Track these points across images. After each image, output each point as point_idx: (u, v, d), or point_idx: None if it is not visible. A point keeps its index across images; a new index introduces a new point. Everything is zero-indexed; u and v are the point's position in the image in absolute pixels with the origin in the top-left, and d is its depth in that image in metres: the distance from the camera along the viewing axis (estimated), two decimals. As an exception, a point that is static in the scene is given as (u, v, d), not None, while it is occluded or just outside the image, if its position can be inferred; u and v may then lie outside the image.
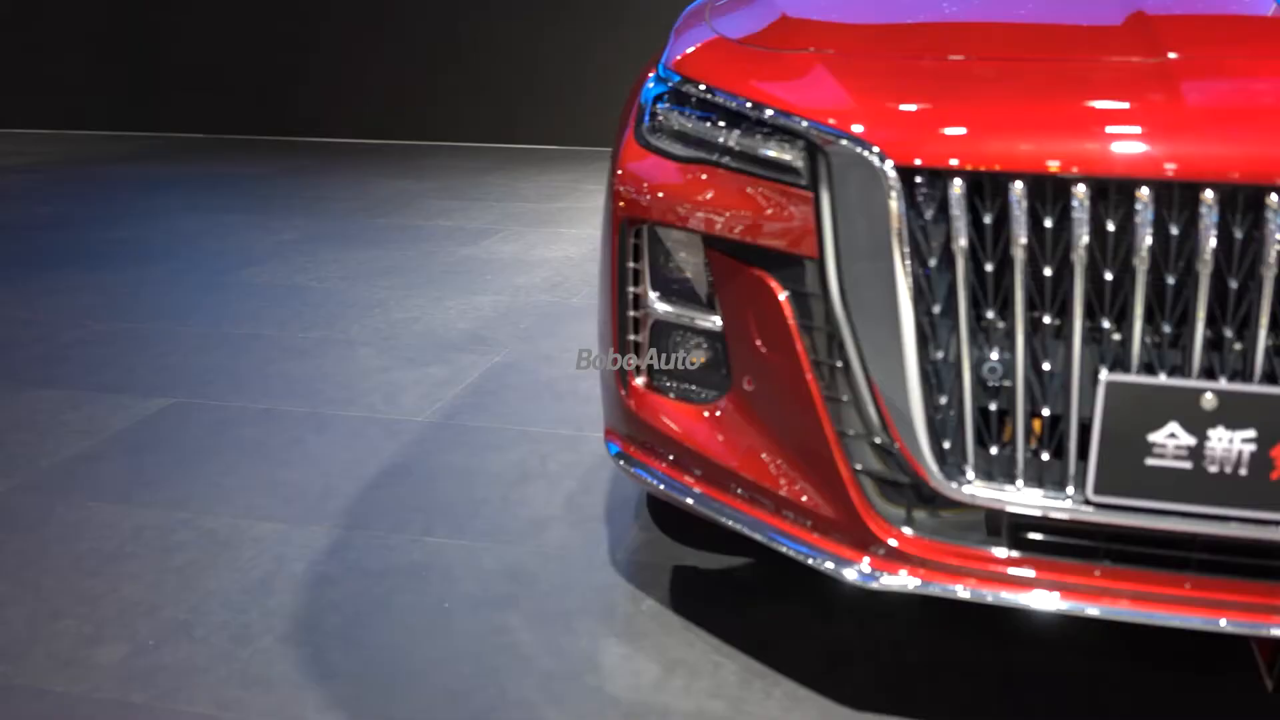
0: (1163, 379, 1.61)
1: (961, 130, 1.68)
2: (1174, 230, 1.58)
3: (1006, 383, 1.69)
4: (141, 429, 3.24)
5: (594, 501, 2.74)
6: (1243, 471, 1.59)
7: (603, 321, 2.13)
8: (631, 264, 2.01)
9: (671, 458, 2.07)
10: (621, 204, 1.99)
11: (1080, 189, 1.59)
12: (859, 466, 1.82)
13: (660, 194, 1.94)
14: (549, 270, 4.83)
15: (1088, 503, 1.68)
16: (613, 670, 2.10)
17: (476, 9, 8.42)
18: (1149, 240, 1.58)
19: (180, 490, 2.84)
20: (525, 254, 5.11)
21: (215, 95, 9.39)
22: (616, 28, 8.03)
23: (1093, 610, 1.73)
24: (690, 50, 2.04)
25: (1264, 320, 1.57)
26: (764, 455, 1.94)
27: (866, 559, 1.84)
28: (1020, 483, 1.72)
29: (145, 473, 2.95)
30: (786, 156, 1.79)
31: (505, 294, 4.50)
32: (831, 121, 1.74)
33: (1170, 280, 1.60)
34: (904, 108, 1.74)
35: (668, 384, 2.07)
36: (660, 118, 1.98)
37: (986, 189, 1.65)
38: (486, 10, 8.40)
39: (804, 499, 1.89)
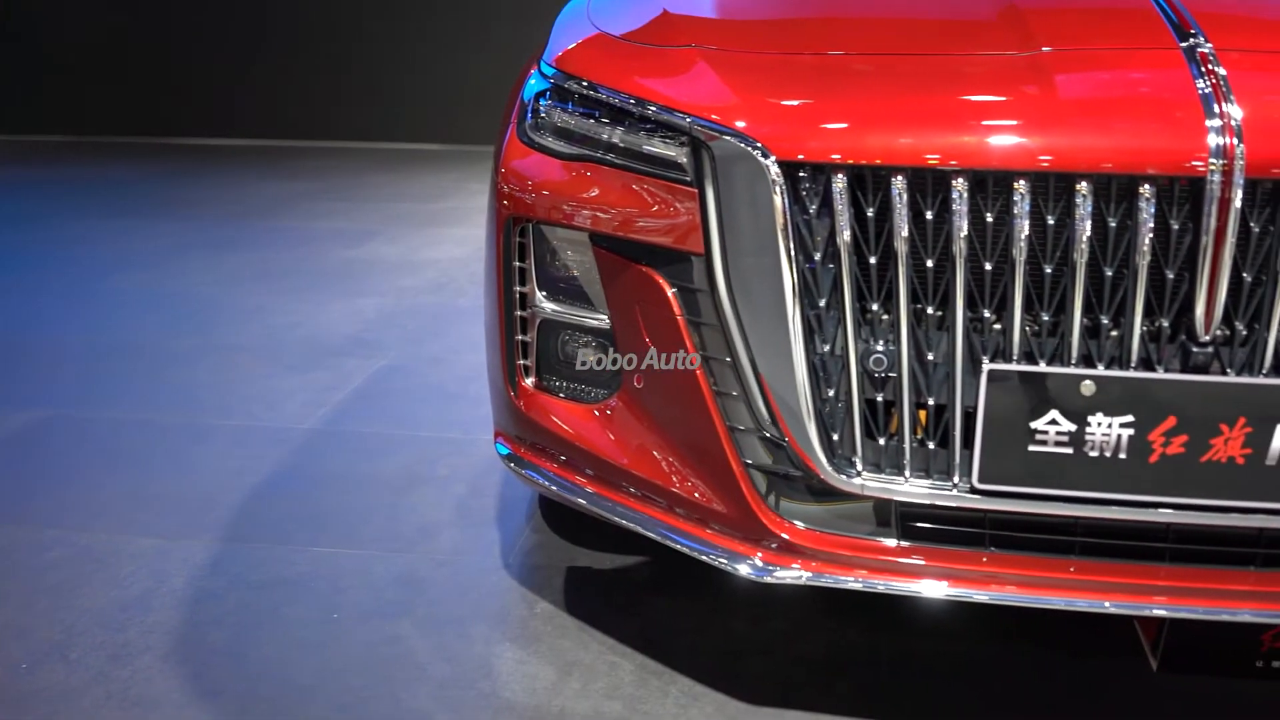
0: (1043, 367, 1.64)
1: (843, 125, 1.69)
2: (1050, 221, 1.62)
3: (892, 374, 1.71)
4: (11, 443, 3.11)
5: (485, 505, 2.71)
6: (1122, 456, 1.63)
7: (489, 322, 2.10)
8: (517, 263, 1.99)
9: (563, 458, 2.05)
10: (505, 203, 1.97)
11: (959, 182, 1.62)
12: (749, 461, 1.83)
13: (545, 192, 1.92)
14: (434, 271, 4.76)
15: (973, 490, 1.70)
16: (508, 675, 2.07)
17: (355, 6, 8.29)
18: (1026, 231, 1.61)
19: (52, 506, 2.73)
20: (410, 255, 5.03)
21: (86, 96, 9.07)
22: (498, 24, 7.97)
23: (981, 596, 1.76)
24: (571, 46, 2.02)
25: (1139, 308, 1.61)
26: (655, 453, 1.93)
27: (759, 553, 1.84)
28: (908, 473, 1.74)
29: (15, 488, 2.83)
30: (671, 153, 1.78)
31: (390, 296, 4.43)
32: (715, 117, 1.74)
33: (1048, 270, 1.63)
34: (786, 103, 1.75)
35: (557, 384, 2.05)
36: (543, 115, 1.96)
37: (868, 183, 1.67)
38: (365, 7, 8.27)
39: (696, 495, 1.89)
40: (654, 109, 1.80)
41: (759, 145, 1.68)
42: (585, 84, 1.91)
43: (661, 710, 1.98)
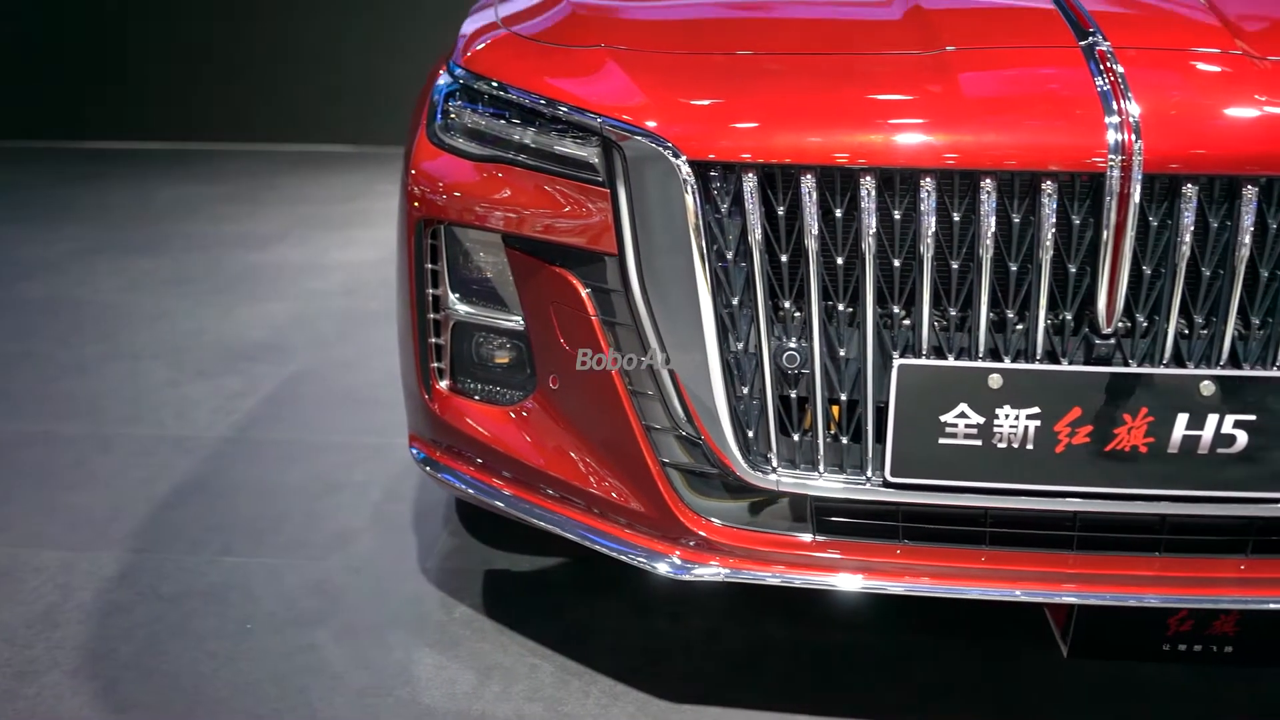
0: (951, 361, 1.67)
1: (753, 125, 1.70)
2: (956, 217, 1.65)
3: (805, 371, 1.72)
4: (-97, 459, 3.00)
5: (401, 510, 2.68)
6: (1029, 447, 1.67)
7: (402, 325, 2.08)
8: (429, 265, 1.97)
9: (479, 461, 2.04)
10: (416, 204, 1.95)
11: (868, 180, 1.64)
12: (666, 460, 1.83)
13: (456, 193, 1.91)
14: (345, 274, 4.70)
15: (886, 484, 1.73)
16: (427, 681, 2.06)
17: (263, 5, 8.15)
18: (933, 228, 1.63)
19: (-50, 522, 2.65)
20: (319, 258, 4.96)
21: (-19, 100, 8.80)
22: (409, 24, 7.89)
23: (896, 588, 1.78)
24: (480, 47, 2.01)
25: (1043, 301, 1.64)
26: (573, 454, 1.93)
27: (677, 551, 1.85)
28: (822, 468, 1.76)
29: (-91, 506, 2.73)
30: (582, 153, 1.78)
31: (300, 300, 4.36)
32: (626, 118, 1.74)
33: (955, 265, 1.66)
34: (696, 103, 1.76)
35: (472, 386, 2.03)
36: (453, 116, 1.95)
37: (779, 181, 1.68)
38: (272, 7, 8.13)
39: (614, 495, 1.89)
40: (565, 109, 1.80)
41: (670, 145, 1.69)
42: (495, 85, 1.90)
43: (582, 711, 1.97)
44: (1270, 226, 1.62)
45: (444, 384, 2.04)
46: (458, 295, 1.97)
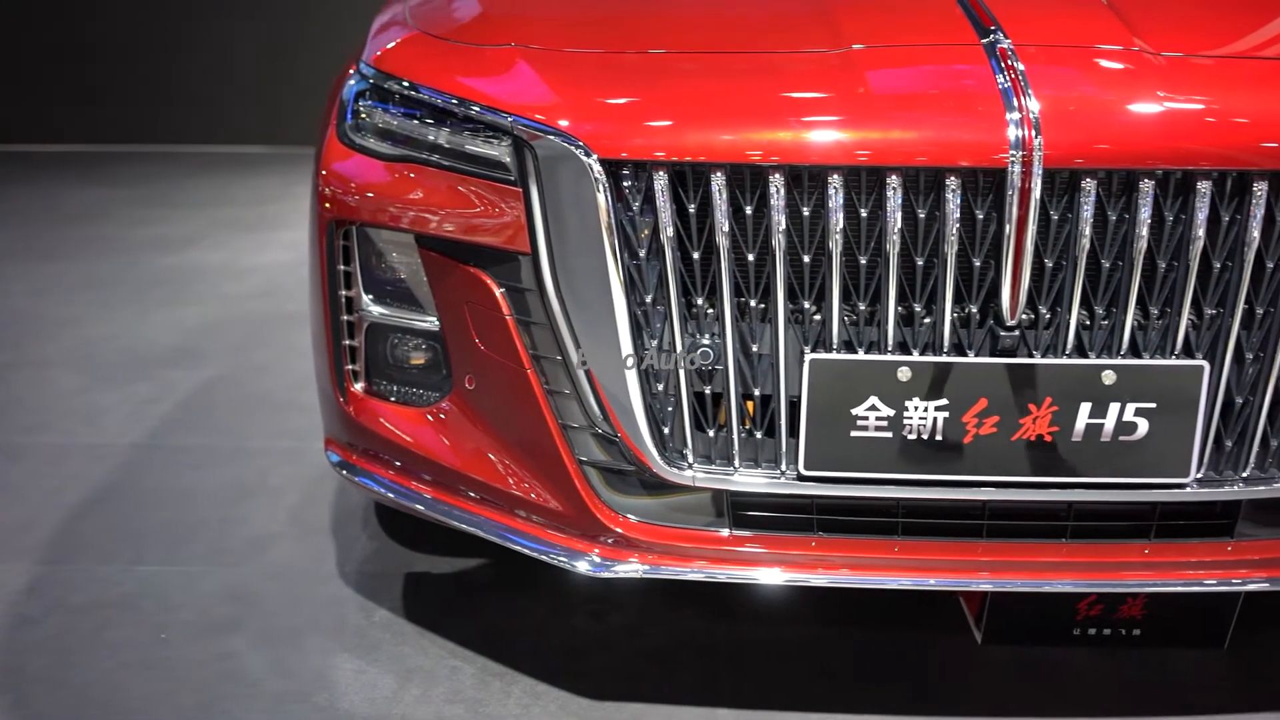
0: (861, 355, 1.70)
1: (664, 123, 1.71)
2: (864, 213, 1.67)
3: (719, 367, 1.74)
4: None
5: (319, 514, 2.65)
6: (938, 438, 1.70)
7: (315, 328, 2.06)
8: (342, 267, 1.95)
9: (397, 463, 2.03)
10: (328, 205, 1.93)
11: (777, 177, 1.66)
12: (583, 458, 1.84)
13: (369, 194, 1.89)
14: (260, 277, 4.63)
15: (800, 478, 1.75)
16: (346, 686, 2.04)
17: (174, 7, 8.00)
18: (842, 224, 1.66)
19: None
20: (234, 261, 4.89)
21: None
22: (318, 22, 7.79)
23: (814, 580, 1.81)
24: (390, 46, 1.99)
25: (949, 295, 1.68)
26: (491, 454, 1.92)
27: (597, 549, 1.85)
28: (738, 463, 1.77)
29: None
30: (494, 153, 1.78)
31: (214, 304, 4.29)
32: (538, 117, 1.74)
33: (863, 261, 1.68)
34: (608, 101, 1.76)
35: (387, 388, 2.02)
36: (363, 115, 1.93)
37: (689, 180, 1.69)
38: (184, 8, 7.99)
39: (533, 495, 1.89)
40: (476, 109, 1.80)
41: (581, 144, 1.69)
42: (405, 84, 1.89)
43: (504, 711, 1.97)
44: (1166, 219, 1.67)
45: (359, 386, 2.02)
46: (371, 296, 1.96)
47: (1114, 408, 1.68)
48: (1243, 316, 1.70)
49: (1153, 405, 1.68)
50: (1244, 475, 1.76)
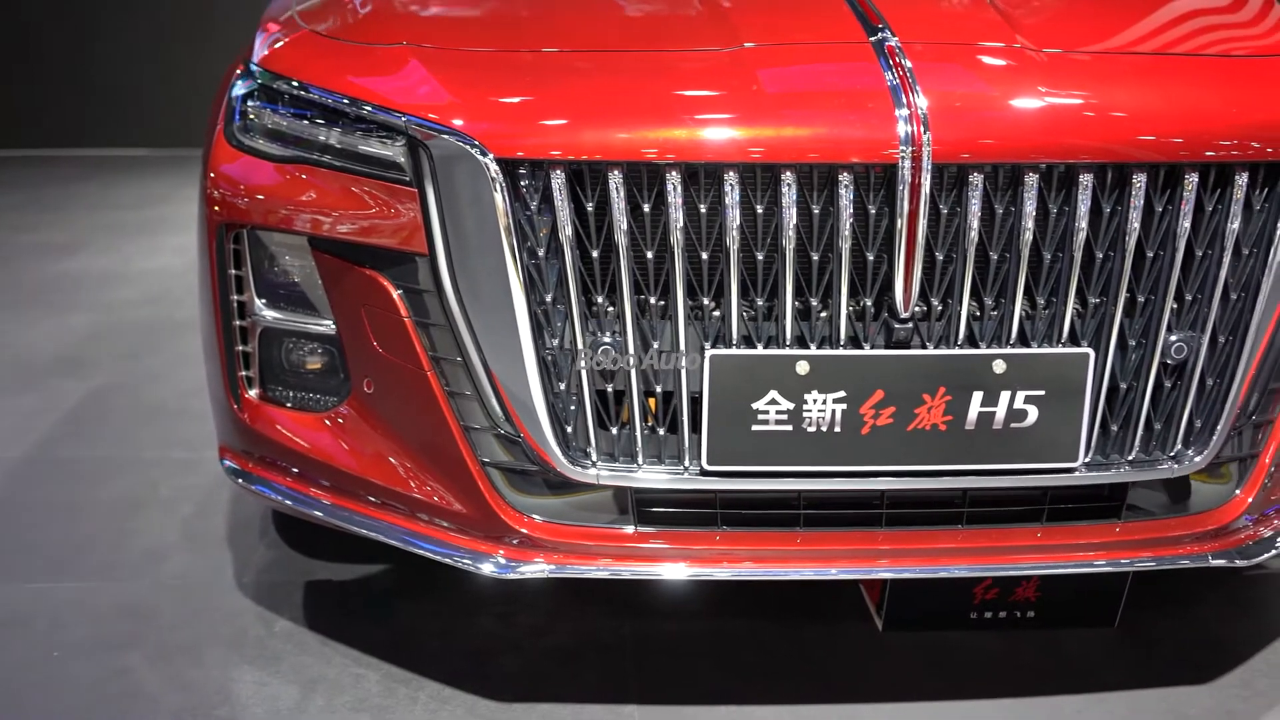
0: (760, 350, 1.71)
1: (560, 122, 1.71)
2: (760, 210, 1.69)
3: (621, 365, 1.74)
4: None
5: (215, 525, 2.60)
6: (837, 430, 1.72)
7: (206, 333, 2.02)
8: (233, 271, 1.92)
9: (295, 470, 1.99)
10: (217, 208, 1.89)
11: (674, 175, 1.67)
12: (486, 459, 1.83)
13: (259, 196, 1.86)
14: (149, 283, 4.52)
15: (703, 473, 1.76)
16: (248, 698, 2.00)
17: (54, 6, 7.75)
18: (738, 220, 1.67)
19: None
20: (122, 267, 4.76)
21: None
22: (204, 20, 7.62)
23: (719, 574, 1.82)
24: (279, 45, 1.96)
25: (844, 289, 1.70)
26: (391, 458, 1.90)
27: (501, 551, 1.85)
28: (641, 460, 1.78)
29: None
30: (388, 153, 1.76)
31: (101, 311, 4.17)
32: (432, 116, 1.73)
33: (760, 257, 1.70)
34: (504, 100, 1.76)
35: (283, 393, 1.98)
36: (251, 116, 1.90)
37: (587, 178, 1.69)
38: (64, 7, 7.75)
39: (436, 498, 1.88)
40: (368, 109, 1.77)
41: (477, 143, 1.68)
42: (295, 84, 1.86)
43: (411, 717, 1.95)
44: (1051, 211, 1.72)
45: (253, 393, 1.98)
46: (264, 301, 1.92)
47: (1005, 396, 1.72)
48: (1125, 304, 1.75)
49: (1041, 392, 1.73)
50: (1130, 458, 1.82)
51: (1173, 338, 1.77)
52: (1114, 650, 2.13)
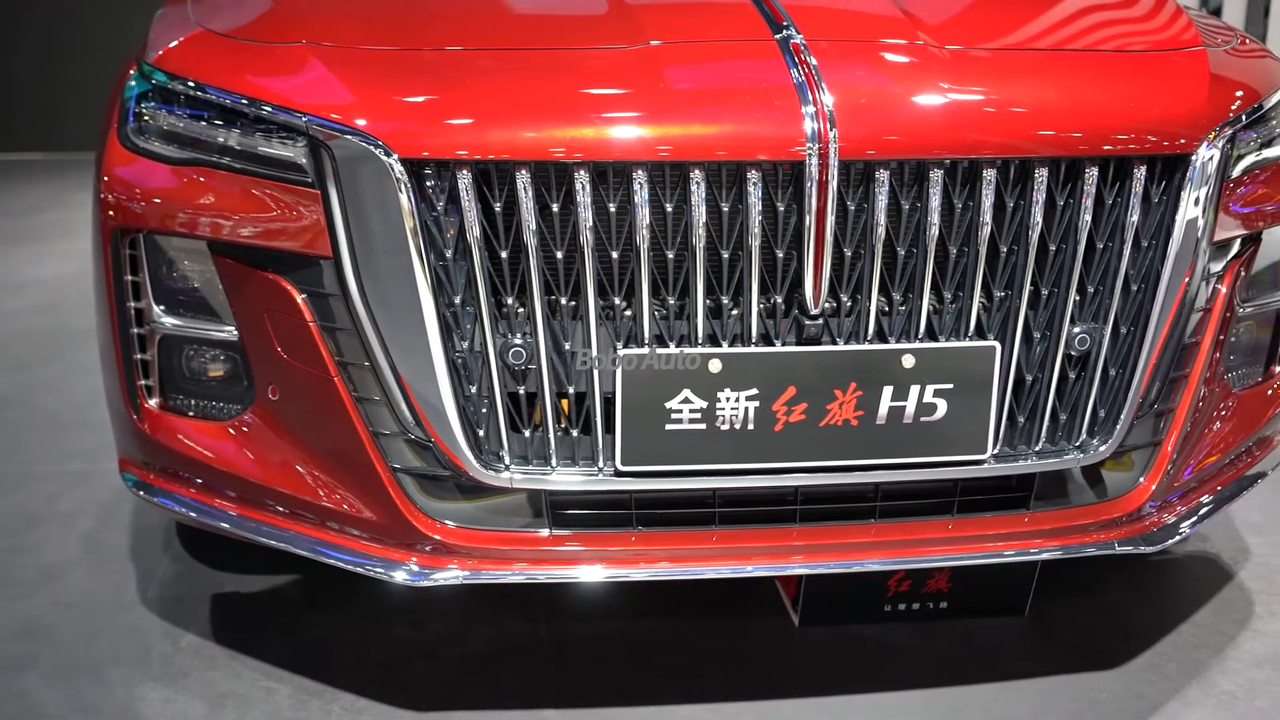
0: (672, 349, 1.71)
1: (466, 121, 1.69)
2: (669, 208, 1.68)
3: (532, 366, 1.73)
4: None
5: (116, 539, 2.52)
6: (750, 427, 1.72)
7: (104, 342, 1.95)
8: (129, 277, 1.86)
9: (199, 481, 1.94)
10: (111, 213, 1.83)
11: (582, 174, 1.65)
12: (397, 465, 1.80)
13: (155, 200, 1.81)
14: (40, 291, 4.38)
15: (618, 474, 1.75)
16: (154, 717, 1.94)
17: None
18: (648, 219, 1.66)
19: None
20: (11, 275, 4.61)
21: None
22: (96, 19, 7.41)
23: (636, 574, 1.82)
24: (173, 45, 1.90)
25: (755, 286, 1.70)
26: (299, 466, 1.86)
27: (414, 558, 1.82)
28: (555, 462, 1.77)
29: None
30: (289, 154, 1.72)
31: (-9, 321, 4.04)
32: (334, 116, 1.69)
33: (670, 255, 1.70)
34: (408, 100, 1.73)
35: (185, 402, 1.93)
36: (146, 118, 1.84)
37: (494, 178, 1.67)
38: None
39: (345, 506, 1.84)
40: (268, 109, 1.73)
41: (381, 144, 1.65)
42: (191, 84, 1.81)
43: (325, 730, 1.92)
44: (956, 206, 1.74)
45: (153, 402, 1.92)
46: (163, 307, 1.87)
47: (914, 390, 1.74)
48: (1030, 298, 1.78)
49: (950, 386, 1.75)
50: (1037, 449, 1.85)
51: (1076, 329, 1.80)
52: (1025, 639, 2.16)
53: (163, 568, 2.40)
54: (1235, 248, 1.94)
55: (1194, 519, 1.99)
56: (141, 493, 1.99)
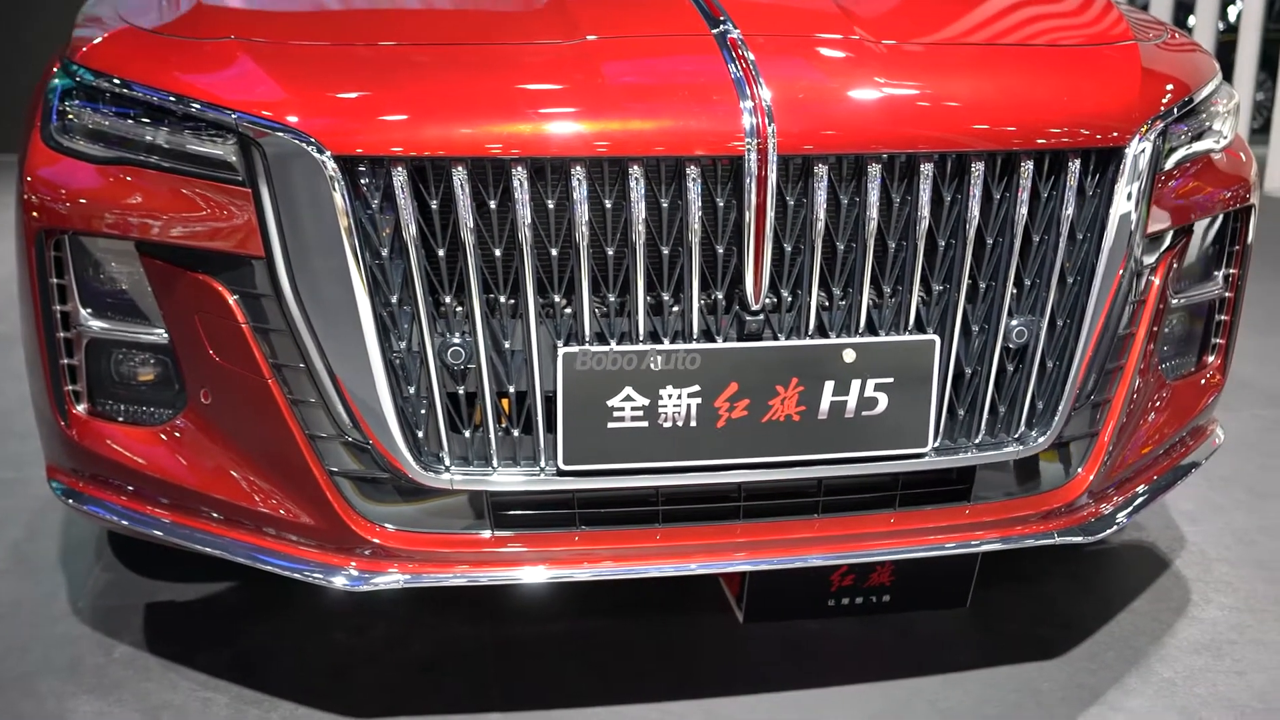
0: (614, 346, 1.69)
1: (401, 117, 1.66)
2: (608, 204, 1.67)
3: (471, 365, 1.71)
4: None
5: (45, 548, 2.46)
6: (693, 424, 1.72)
7: (29, 347, 1.90)
8: (55, 280, 1.81)
9: (130, 488, 1.90)
10: (35, 214, 1.78)
11: (520, 170, 1.63)
12: (334, 468, 1.77)
13: (81, 200, 1.76)
14: (-35, 296, 4.28)
15: (560, 473, 1.73)
16: (86, 731, 1.90)
17: None
18: (587, 215, 1.65)
19: None
20: (-65, 280, 4.49)
21: None
22: (19, 15, 7.26)
23: (579, 574, 1.80)
24: (98, 41, 1.86)
25: (695, 282, 1.70)
26: (234, 471, 1.83)
27: (353, 563, 1.79)
28: (496, 463, 1.75)
29: None
30: (218, 152, 1.68)
31: (-86, 328, 3.93)
32: (264, 113, 1.66)
33: (610, 252, 1.68)
34: (341, 96, 1.70)
35: (114, 407, 1.88)
36: (70, 116, 1.79)
37: (430, 175, 1.65)
38: None
39: (282, 511, 1.81)
40: (196, 106, 1.70)
41: (313, 141, 1.62)
42: (117, 82, 1.76)
43: (263, 740, 1.88)
44: (894, 201, 1.74)
45: (81, 408, 1.88)
46: (90, 310, 1.82)
47: (855, 384, 1.74)
48: (968, 291, 1.79)
49: (890, 380, 1.75)
50: (977, 442, 1.86)
51: (1014, 322, 1.82)
52: (967, 631, 2.17)
53: (94, 577, 2.35)
54: (1168, 240, 1.96)
55: (1130, 509, 2.01)
56: (70, 501, 1.94)
